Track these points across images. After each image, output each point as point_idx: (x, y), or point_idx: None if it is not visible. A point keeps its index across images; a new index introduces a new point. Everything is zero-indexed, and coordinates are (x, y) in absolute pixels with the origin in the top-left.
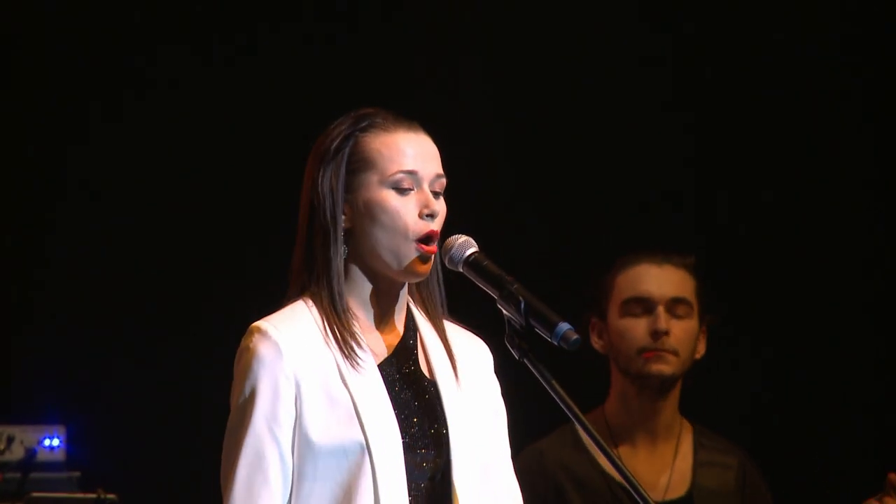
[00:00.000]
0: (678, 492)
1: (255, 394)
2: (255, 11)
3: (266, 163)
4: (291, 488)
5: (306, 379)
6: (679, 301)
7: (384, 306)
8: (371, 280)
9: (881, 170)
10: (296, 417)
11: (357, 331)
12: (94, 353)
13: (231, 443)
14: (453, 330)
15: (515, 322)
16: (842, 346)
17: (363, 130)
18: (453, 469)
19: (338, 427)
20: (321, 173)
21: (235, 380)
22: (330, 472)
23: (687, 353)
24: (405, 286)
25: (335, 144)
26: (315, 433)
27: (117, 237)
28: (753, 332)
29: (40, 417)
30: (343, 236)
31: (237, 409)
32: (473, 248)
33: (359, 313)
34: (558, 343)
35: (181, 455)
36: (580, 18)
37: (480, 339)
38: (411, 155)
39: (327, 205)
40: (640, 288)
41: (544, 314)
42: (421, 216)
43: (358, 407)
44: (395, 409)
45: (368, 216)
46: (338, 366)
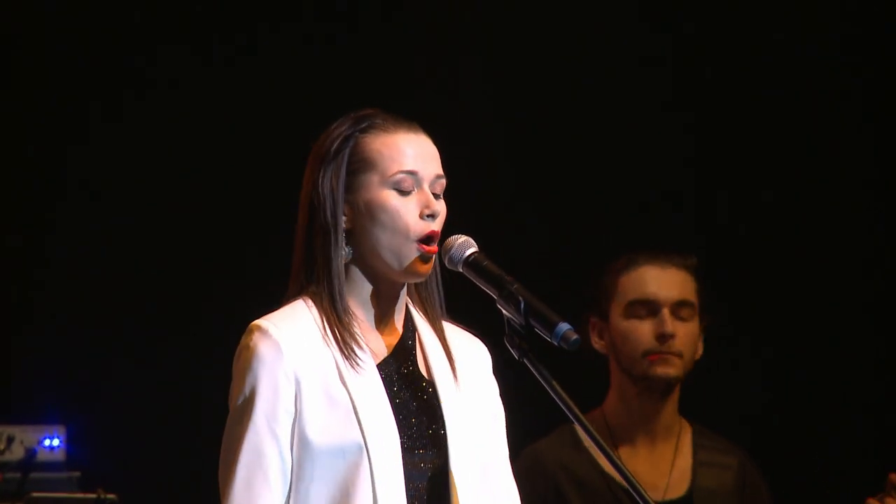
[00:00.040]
0: (678, 492)
1: (256, 392)
2: (255, 11)
3: (266, 163)
4: (290, 487)
5: (306, 378)
6: (683, 304)
7: (384, 306)
8: (371, 280)
9: (881, 170)
10: (295, 416)
11: (357, 331)
12: (94, 353)
13: (230, 441)
14: (452, 331)
15: (515, 322)
16: (842, 346)
17: (363, 131)
18: (452, 470)
19: (336, 427)
20: (321, 174)
21: (235, 378)
22: (328, 472)
23: (690, 355)
24: (405, 287)
25: (335, 145)
26: (313, 433)
27: (117, 237)
28: (753, 332)
29: (40, 417)
30: (344, 237)
31: (237, 407)
32: (473, 248)
33: (358, 313)
34: (558, 343)
35: (181, 455)
36: (580, 18)
37: (479, 341)
38: (412, 155)
39: (328, 205)
40: (645, 290)
41: (544, 314)
42: (422, 216)
43: (357, 407)
44: (394, 410)
45: (369, 216)
46: (337, 365)
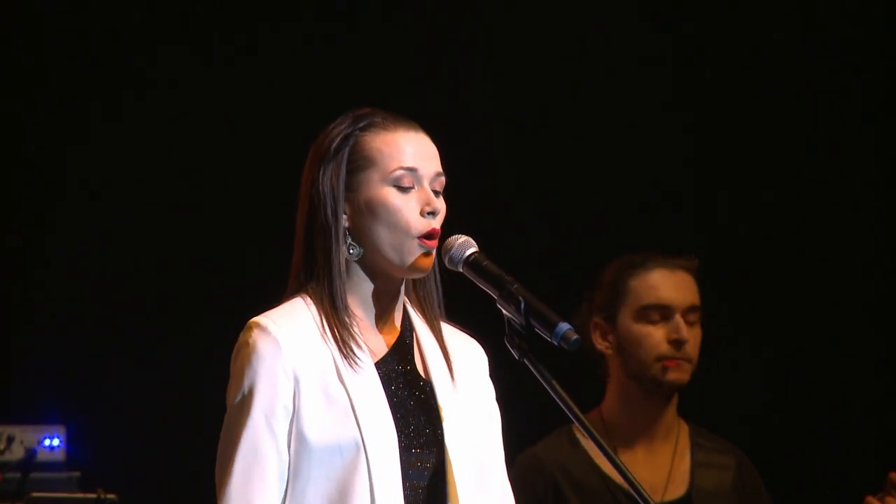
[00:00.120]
0: (677, 492)
1: (254, 389)
2: (255, 11)
3: (266, 163)
4: (287, 484)
5: (304, 375)
6: (693, 309)
7: (383, 305)
8: (371, 278)
9: (881, 170)
10: (293, 414)
11: (355, 330)
12: (94, 353)
13: (228, 437)
14: (449, 331)
15: (515, 322)
16: (842, 346)
17: (363, 130)
18: (449, 469)
19: (334, 425)
20: (321, 173)
21: (233, 375)
22: (325, 470)
23: (696, 359)
24: (403, 284)
25: (335, 144)
26: (311, 430)
27: (117, 237)
28: (753, 332)
29: (40, 417)
30: (348, 236)
31: (235, 404)
32: (473, 248)
33: (358, 312)
34: (558, 343)
35: (181, 455)
36: (580, 18)
37: (476, 342)
38: (411, 153)
39: (328, 204)
40: (659, 295)
41: (544, 314)
42: (422, 214)
43: (354, 405)
44: (392, 409)
45: (370, 214)
46: (335, 363)
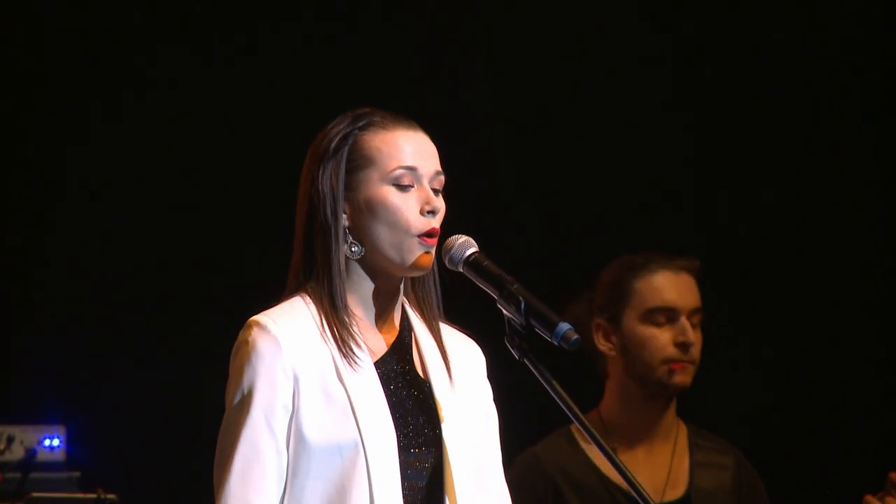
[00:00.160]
0: (676, 493)
1: (254, 387)
2: (255, 11)
3: (266, 163)
4: (285, 483)
5: (304, 374)
6: (696, 311)
7: (383, 304)
8: (371, 277)
9: (881, 170)
10: (292, 413)
11: (355, 329)
12: (94, 353)
13: (227, 435)
14: (447, 331)
15: (516, 322)
16: (842, 346)
17: (362, 129)
18: (448, 469)
19: (333, 424)
20: (321, 172)
21: (233, 373)
22: (324, 470)
23: (698, 361)
24: (402, 283)
25: (334, 143)
26: (310, 429)
27: (117, 237)
28: (753, 332)
29: (40, 417)
30: (348, 235)
31: (234, 403)
32: (473, 248)
33: (357, 311)
34: (558, 343)
35: (181, 455)
36: (580, 18)
37: (474, 342)
38: (410, 152)
39: (328, 203)
40: (665, 297)
41: (544, 314)
42: (422, 213)
43: (354, 405)
44: (391, 408)
45: (370, 213)
46: (335, 362)
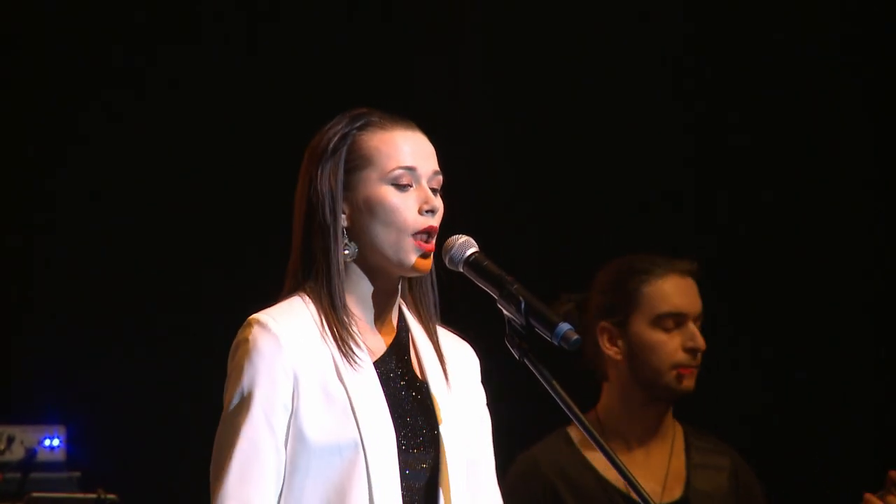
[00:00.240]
0: (674, 495)
1: (254, 385)
2: (256, 11)
3: (266, 163)
4: (283, 482)
5: (304, 373)
6: (700, 315)
7: (381, 304)
8: (370, 278)
9: (881, 170)
10: (291, 412)
11: (354, 329)
12: (94, 353)
13: (226, 433)
14: (443, 333)
15: (516, 322)
16: (842, 346)
17: (360, 129)
18: (444, 471)
19: (333, 424)
20: (319, 172)
21: (232, 371)
22: (323, 469)
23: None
24: (400, 284)
25: (332, 143)
26: (310, 429)
27: (117, 237)
28: (753, 332)
29: (40, 417)
30: (346, 235)
31: (233, 400)
32: (473, 248)
33: (355, 311)
34: (558, 343)
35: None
36: (580, 18)
37: (469, 345)
38: (409, 152)
39: (326, 203)
40: (676, 303)
41: (544, 314)
42: (421, 212)
43: (354, 404)
44: (390, 408)
45: (368, 213)
46: (335, 362)
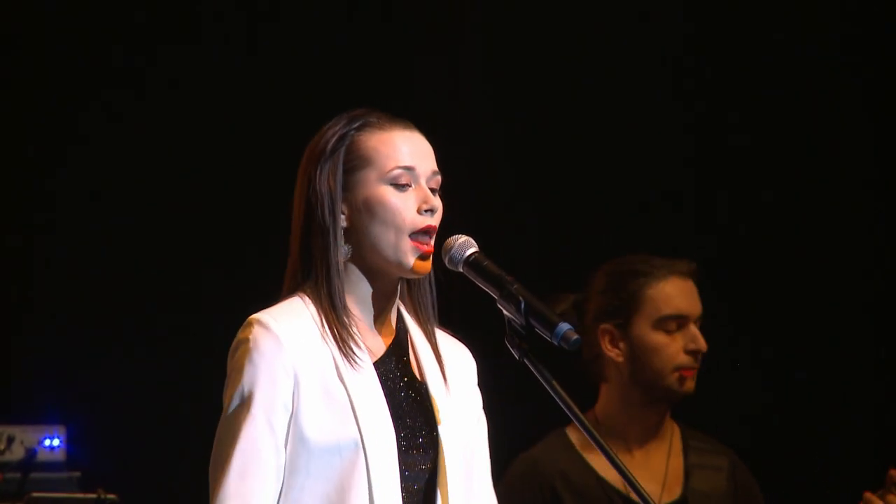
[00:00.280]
0: (672, 495)
1: (255, 385)
2: (256, 11)
3: (266, 163)
4: (283, 481)
5: (304, 373)
6: (701, 316)
7: (381, 305)
8: (369, 278)
9: (881, 170)
10: (292, 412)
11: (355, 329)
12: (94, 353)
13: (226, 432)
14: (440, 335)
15: (516, 322)
16: (842, 346)
17: (359, 129)
18: (442, 472)
19: (333, 424)
20: (318, 173)
21: (232, 371)
22: (323, 470)
23: None
24: (399, 284)
25: (331, 144)
26: (310, 429)
27: (117, 237)
28: (753, 332)
29: (40, 417)
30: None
31: (234, 400)
32: (473, 248)
33: (355, 311)
34: (558, 343)
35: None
36: (580, 18)
37: (465, 347)
38: (408, 152)
39: (325, 204)
40: (677, 305)
41: (544, 314)
42: (420, 212)
43: (354, 405)
44: (390, 409)
45: (368, 213)
46: (335, 362)
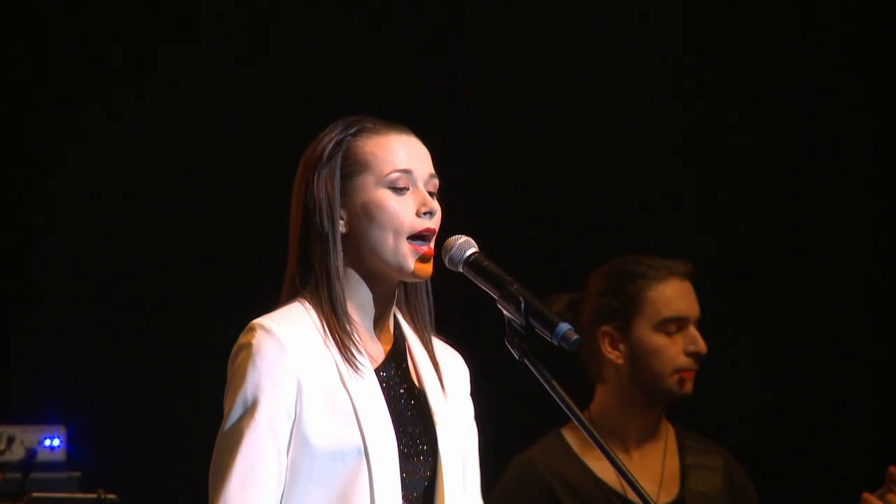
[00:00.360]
0: (669, 495)
1: (258, 390)
2: (256, 11)
3: (266, 163)
4: (284, 487)
5: (307, 379)
6: (699, 318)
7: (380, 310)
8: (369, 283)
9: (881, 170)
10: (294, 417)
11: (355, 335)
12: (94, 353)
13: (228, 438)
14: (435, 342)
15: (516, 322)
16: (842, 346)
17: (354, 135)
18: (440, 480)
19: (337, 430)
20: (315, 179)
21: (234, 376)
22: (325, 475)
23: None
24: (397, 291)
25: (327, 150)
26: (314, 434)
27: (117, 237)
28: (753, 332)
29: (40, 417)
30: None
31: (236, 405)
32: (473, 249)
33: (354, 317)
34: (558, 343)
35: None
36: (580, 18)
37: (459, 355)
38: (404, 156)
39: (324, 210)
40: (678, 307)
41: (544, 314)
42: (418, 214)
43: (357, 411)
44: (392, 416)
45: (367, 218)
46: (338, 368)
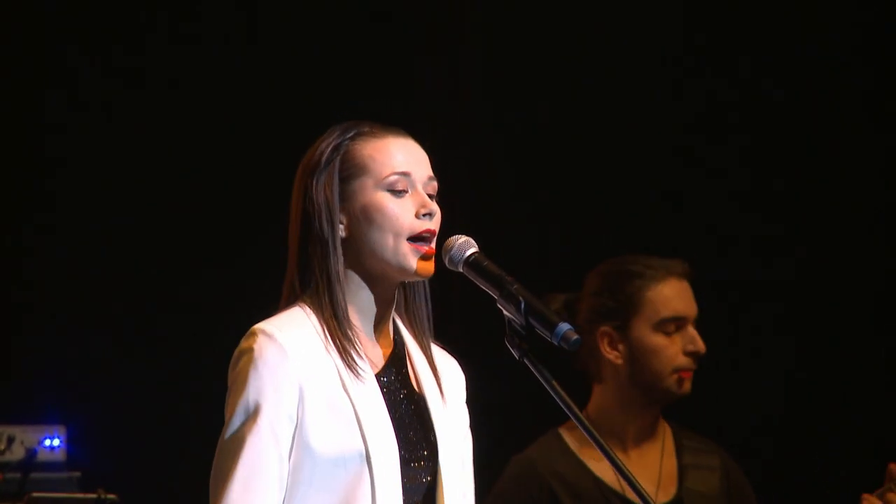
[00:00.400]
0: (667, 495)
1: (260, 395)
2: (255, 11)
3: (266, 163)
4: (285, 492)
5: (309, 384)
6: (695, 318)
7: (380, 313)
8: (369, 285)
9: (881, 170)
10: (296, 422)
11: (356, 340)
12: (94, 353)
13: (230, 443)
14: (433, 348)
15: (516, 322)
16: (842, 346)
17: (352, 139)
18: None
19: (339, 436)
20: (314, 183)
21: (236, 381)
22: (327, 481)
23: None
24: (396, 295)
25: (326, 155)
26: (315, 440)
27: (117, 237)
28: (753, 332)
29: (40, 417)
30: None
31: (238, 410)
32: (473, 249)
33: (355, 321)
34: (558, 343)
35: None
36: (580, 18)
37: (455, 361)
38: (403, 158)
39: (323, 214)
40: (676, 307)
41: (544, 314)
42: (418, 216)
43: (359, 417)
44: (393, 422)
45: (366, 221)
46: (339, 373)
